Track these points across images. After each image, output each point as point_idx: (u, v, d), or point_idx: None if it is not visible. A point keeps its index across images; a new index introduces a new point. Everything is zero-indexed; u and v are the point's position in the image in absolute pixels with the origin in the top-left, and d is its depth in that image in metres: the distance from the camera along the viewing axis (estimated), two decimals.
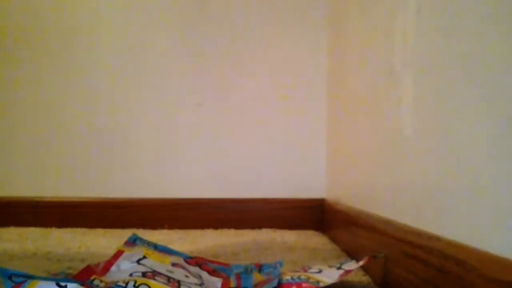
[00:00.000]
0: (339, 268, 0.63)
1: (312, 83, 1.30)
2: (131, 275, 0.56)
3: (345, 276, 0.61)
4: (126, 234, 0.76)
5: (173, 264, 0.64)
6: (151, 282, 0.53)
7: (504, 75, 0.40)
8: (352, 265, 0.65)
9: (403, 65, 0.65)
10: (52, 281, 0.48)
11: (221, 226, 1.27)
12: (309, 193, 1.29)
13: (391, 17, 0.70)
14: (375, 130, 0.78)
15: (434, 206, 0.53)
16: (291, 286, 0.57)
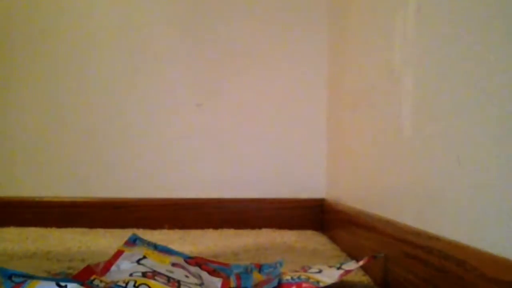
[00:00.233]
0: (339, 268, 0.63)
1: (312, 83, 1.30)
2: (131, 275, 0.56)
3: (345, 276, 0.61)
4: (126, 234, 0.76)
5: (173, 264, 0.64)
6: (151, 282, 0.53)
7: (504, 75, 0.40)
8: (352, 265, 0.65)
9: (403, 65, 0.65)
10: (52, 281, 0.48)
11: (221, 226, 1.27)
12: (309, 193, 1.29)
13: (391, 17, 0.70)
14: (375, 130, 0.78)
15: (434, 206, 0.53)
16: (291, 286, 0.57)
